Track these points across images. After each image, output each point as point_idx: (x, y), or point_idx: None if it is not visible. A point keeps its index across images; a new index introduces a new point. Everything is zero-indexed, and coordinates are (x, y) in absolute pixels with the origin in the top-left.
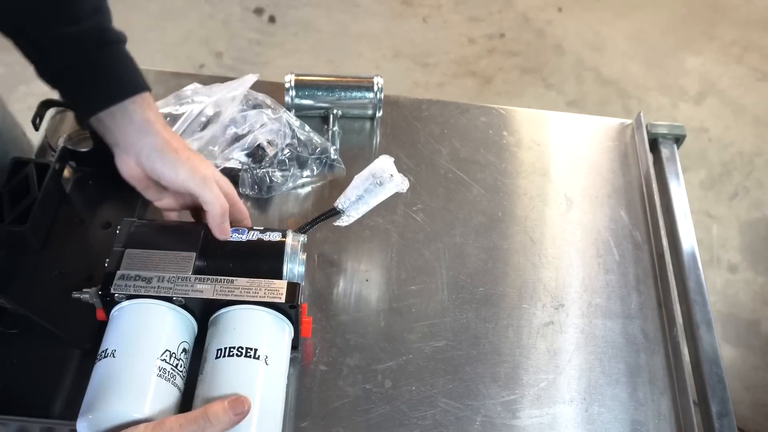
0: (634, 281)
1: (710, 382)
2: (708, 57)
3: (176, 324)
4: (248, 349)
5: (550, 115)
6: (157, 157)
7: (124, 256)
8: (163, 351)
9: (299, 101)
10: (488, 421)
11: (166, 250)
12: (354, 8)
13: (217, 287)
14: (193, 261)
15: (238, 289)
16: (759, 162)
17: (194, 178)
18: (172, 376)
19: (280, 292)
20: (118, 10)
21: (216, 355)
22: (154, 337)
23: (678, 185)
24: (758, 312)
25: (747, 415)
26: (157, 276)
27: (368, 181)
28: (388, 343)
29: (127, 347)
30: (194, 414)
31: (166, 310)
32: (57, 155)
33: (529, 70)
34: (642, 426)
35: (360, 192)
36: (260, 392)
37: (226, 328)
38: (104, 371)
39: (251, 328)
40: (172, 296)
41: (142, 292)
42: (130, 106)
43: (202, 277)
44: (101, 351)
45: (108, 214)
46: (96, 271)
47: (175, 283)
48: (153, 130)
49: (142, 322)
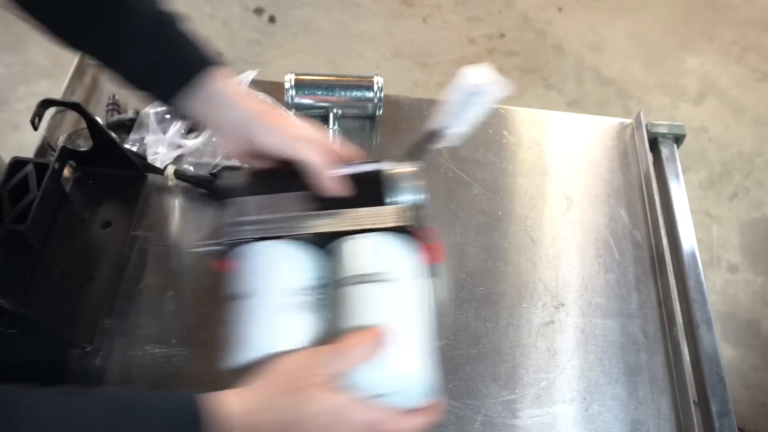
0: (634, 281)
1: (710, 382)
2: (708, 57)
3: (305, 259)
4: (378, 274)
5: (550, 115)
6: (252, 126)
7: (238, 204)
8: (296, 285)
9: (299, 101)
10: (488, 421)
11: (280, 192)
12: (354, 8)
13: (338, 219)
14: (308, 199)
15: (359, 219)
16: (759, 162)
17: (290, 143)
18: (308, 309)
19: (398, 217)
20: None
21: (347, 283)
22: (288, 273)
23: (678, 185)
24: (758, 312)
25: (747, 414)
26: (277, 217)
27: (463, 94)
28: None
29: (264, 285)
30: (335, 347)
31: (294, 247)
32: (57, 155)
33: (529, 70)
34: (642, 425)
35: (458, 107)
36: (397, 316)
37: (352, 256)
38: (241, 311)
39: (378, 254)
40: (296, 233)
41: (261, 234)
42: (210, 83)
43: (318, 213)
44: (233, 292)
45: (108, 213)
46: (96, 270)
47: (296, 221)
48: (241, 103)
49: (273, 260)
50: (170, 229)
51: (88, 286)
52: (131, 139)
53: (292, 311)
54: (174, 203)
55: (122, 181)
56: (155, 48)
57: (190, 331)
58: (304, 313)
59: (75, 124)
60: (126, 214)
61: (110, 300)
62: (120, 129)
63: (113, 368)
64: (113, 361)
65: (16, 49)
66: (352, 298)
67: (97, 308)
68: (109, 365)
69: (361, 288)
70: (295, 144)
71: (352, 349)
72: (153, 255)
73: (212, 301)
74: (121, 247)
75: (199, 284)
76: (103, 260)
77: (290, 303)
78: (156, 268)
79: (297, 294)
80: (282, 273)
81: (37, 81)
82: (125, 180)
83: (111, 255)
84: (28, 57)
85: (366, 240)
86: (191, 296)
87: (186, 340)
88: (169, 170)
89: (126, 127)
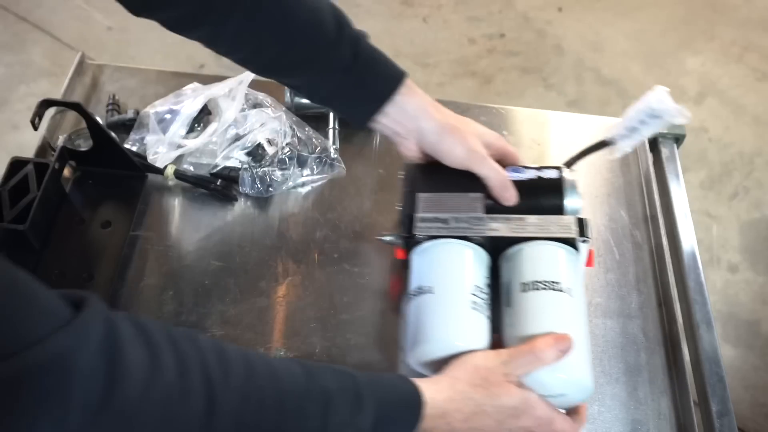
0: (634, 281)
1: (710, 382)
2: (708, 57)
3: (478, 260)
4: (553, 282)
5: (550, 115)
6: (435, 139)
7: (419, 200)
8: (473, 285)
9: (299, 100)
10: None
11: (454, 192)
12: (354, 8)
13: (510, 225)
14: (482, 201)
15: (531, 226)
16: (759, 162)
17: (469, 157)
18: (482, 308)
19: (571, 228)
20: (119, 10)
21: (522, 289)
22: (465, 273)
23: (678, 185)
24: (758, 312)
25: (747, 414)
26: (454, 217)
27: (644, 113)
28: (388, 343)
29: (444, 283)
30: (521, 348)
31: (469, 248)
32: (56, 155)
33: (529, 70)
34: (642, 425)
35: (634, 124)
36: (571, 324)
37: (527, 262)
38: (425, 306)
39: (551, 263)
40: (471, 235)
41: (443, 232)
42: (399, 99)
43: (494, 216)
44: (415, 288)
45: (108, 213)
46: (96, 270)
47: (471, 222)
48: (426, 115)
49: (451, 259)
50: (170, 229)
51: (88, 286)
52: (131, 139)
53: (475, 309)
54: (174, 203)
55: (122, 181)
56: (356, 72)
57: None
58: (482, 311)
59: (75, 124)
60: (126, 214)
61: (110, 300)
62: (120, 129)
63: None
64: None
65: (16, 49)
66: (532, 302)
67: None
68: None
69: (542, 294)
70: (479, 160)
71: (539, 352)
72: (153, 255)
73: (212, 301)
74: (121, 247)
75: (199, 284)
76: (103, 260)
77: (475, 301)
78: (156, 268)
79: (479, 293)
80: (468, 272)
81: (37, 81)
82: (125, 180)
83: (111, 255)
84: (28, 57)
85: (547, 248)
86: (191, 296)
87: None
88: (169, 170)
89: (126, 127)
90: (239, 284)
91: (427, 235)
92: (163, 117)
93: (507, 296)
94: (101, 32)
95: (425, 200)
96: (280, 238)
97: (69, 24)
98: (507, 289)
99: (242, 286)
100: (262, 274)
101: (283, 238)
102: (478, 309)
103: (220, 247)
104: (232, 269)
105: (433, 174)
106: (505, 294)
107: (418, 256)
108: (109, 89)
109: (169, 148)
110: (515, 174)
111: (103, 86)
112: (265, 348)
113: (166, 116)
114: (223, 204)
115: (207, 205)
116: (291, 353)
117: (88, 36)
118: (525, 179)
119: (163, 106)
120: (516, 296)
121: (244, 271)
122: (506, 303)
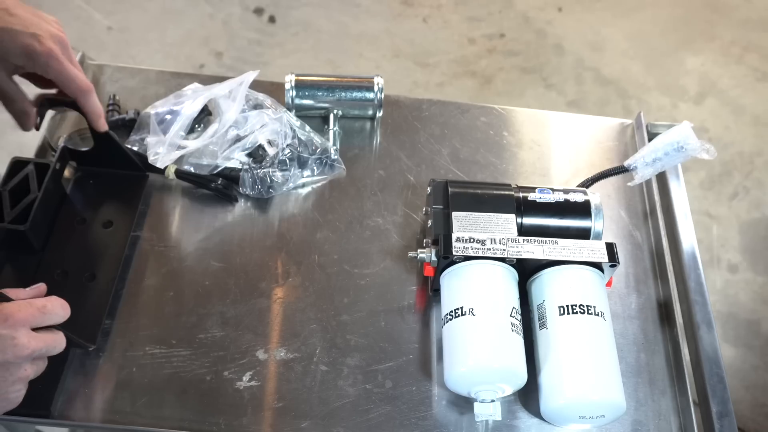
0: (634, 281)
1: (710, 382)
2: (708, 57)
3: (513, 282)
4: (589, 307)
5: (550, 115)
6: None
7: (453, 218)
8: (511, 307)
9: (299, 101)
10: (489, 421)
11: (487, 212)
12: (354, 8)
13: (544, 248)
14: (515, 223)
15: (564, 250)
16: (759, 162)
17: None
18: (519, 330)
19: (601, 252)
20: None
21: (559, 312)
22: (504, 295)
23: (678, 185)
24: (758, 312)
25: (747, 415)
26: (490, 238)
27: (670, 146)
28: (388, 343)
29: (485, 305)
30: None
31: (506, 270)
32: (57, 155)
33: (529, 70)
34: (642, 426)
35: (659, 155)
36: (606, 346)
37: (562, 286)
38: (467, 328)
39: (586, 287)
40: (508, 257)
41: (480, 253)
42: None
43: (528, 239)
44: (454, 309)
45: (108, 213)
46: (98, 270)
47: (506, 244)
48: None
49: (492, 281)
50: (171, 230)
51: (90, 286)
52: (132, 139)
53: (514, 332)
54: (175, 204)
55: (123, 181)
56: None
57: (190, 331)
58: (519, 333)
59: (75, 124)
60: (127, 214)
61: (111, 300)
62: (120, 129)
63: (114, 368)
64: (114, 362)
65: None
66: (570, 326)
67: (99, 308)
68: (109, 365)
69: (579, 318)
70: None
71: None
72: (154, 255)
73: (213, 301)
74: (123, 247)
75: (200, 285)
76: (104, 260)
77: (513, 323)
78: (157, 268)
79: (516, 314)
80: (507, 294)
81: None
82: (126, 180)
83: (112, 255)
84: None
85: (583, 273)
86: (191, 296)
87: (186, 340)
88: (169, 170)
89: (126, 128)
90: (239, 285)
91: (465, 255)
92: (163, 118)
93: (542, 319)
94: (101, 32)
95: (459, 219)
96: (280, 238)
97: (69, 24)
98: (541, 311)
99: (242, 287)
100: (262, 275)
101: (283, 238)
102: (516, 331)
103: (220, 248)
104: (232, 270)
105: (464, 190)
106: (539, 316)
107: (454, 277)
108: (110, 89)
109: (170, 149)
110: (543, 195)
111: (104, 86)
112: (265, 349)
113: (166, 117)
114: (223, 205)
115: (208, 206)
116: (291, 354)
117: (88, 36)
118: (553, 201)
119: (164, 107)
120: (553, 320)
121: (245, 271)
122: (541, 325)
